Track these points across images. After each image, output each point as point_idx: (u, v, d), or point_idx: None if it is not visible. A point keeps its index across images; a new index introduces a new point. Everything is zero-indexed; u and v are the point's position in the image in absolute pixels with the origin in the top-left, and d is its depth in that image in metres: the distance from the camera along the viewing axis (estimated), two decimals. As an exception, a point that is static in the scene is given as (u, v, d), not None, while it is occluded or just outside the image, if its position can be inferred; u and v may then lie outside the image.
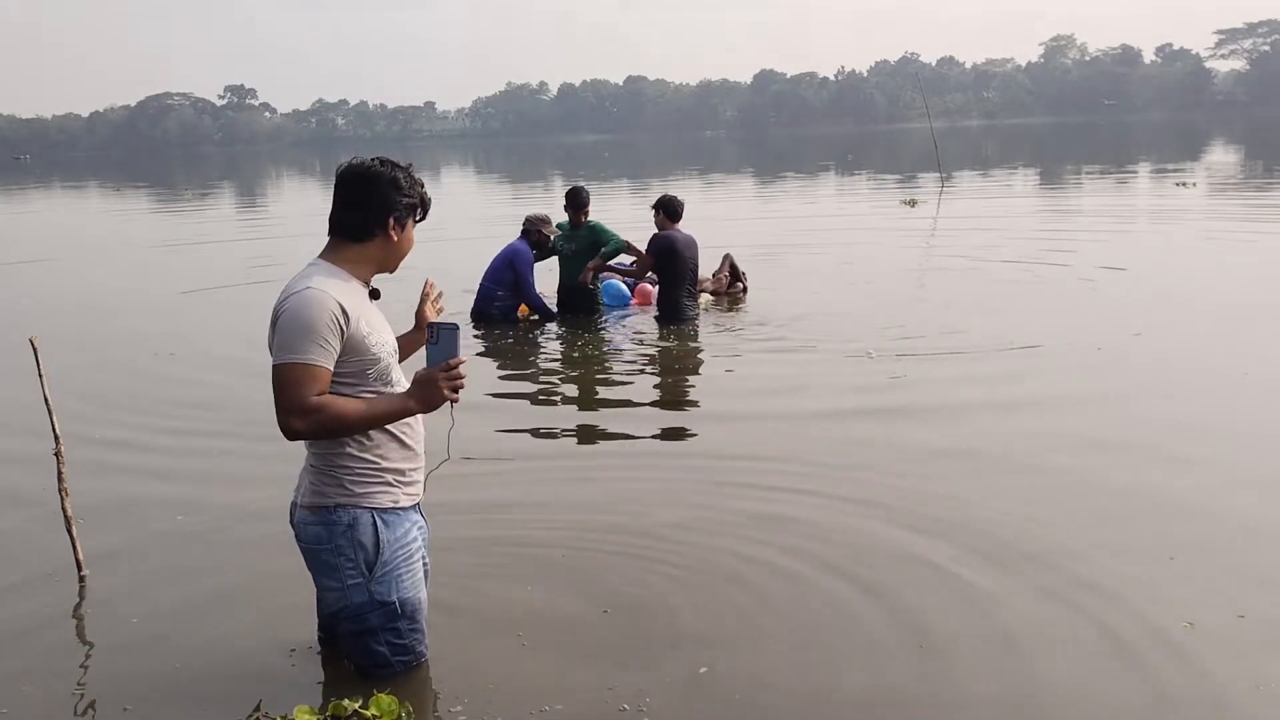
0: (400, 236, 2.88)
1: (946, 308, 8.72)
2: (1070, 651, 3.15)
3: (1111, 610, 3.38)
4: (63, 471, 3.86)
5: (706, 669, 3.11)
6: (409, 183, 2.87)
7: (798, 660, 3.18)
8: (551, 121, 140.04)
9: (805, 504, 4.40)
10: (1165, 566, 3.73)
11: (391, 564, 2.89)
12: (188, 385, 6.91)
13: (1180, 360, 6.75)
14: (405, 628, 2.97)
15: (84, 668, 3.33)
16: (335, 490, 2.83)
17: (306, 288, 2.73)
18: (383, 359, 2.83)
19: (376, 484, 2.86)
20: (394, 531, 2.89)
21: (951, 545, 3.92)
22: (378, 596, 2.89)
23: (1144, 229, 14.61)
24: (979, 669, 3.08)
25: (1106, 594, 3.49)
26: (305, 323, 2.68)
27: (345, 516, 2.83)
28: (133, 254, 15.40)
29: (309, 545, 2.90)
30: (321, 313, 2.69)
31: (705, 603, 3.56)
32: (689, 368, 7.30)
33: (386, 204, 2.84)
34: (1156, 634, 3.22)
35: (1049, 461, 4.88)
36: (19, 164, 75.72)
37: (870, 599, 3.53)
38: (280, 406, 2.69)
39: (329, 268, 2.82)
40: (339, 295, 2.74)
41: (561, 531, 4.22)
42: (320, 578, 2.92)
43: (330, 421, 2.71)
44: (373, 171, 2.85)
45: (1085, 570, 3.68)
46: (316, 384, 2.69)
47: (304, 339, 2.67)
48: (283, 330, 2.70)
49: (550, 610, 3.55)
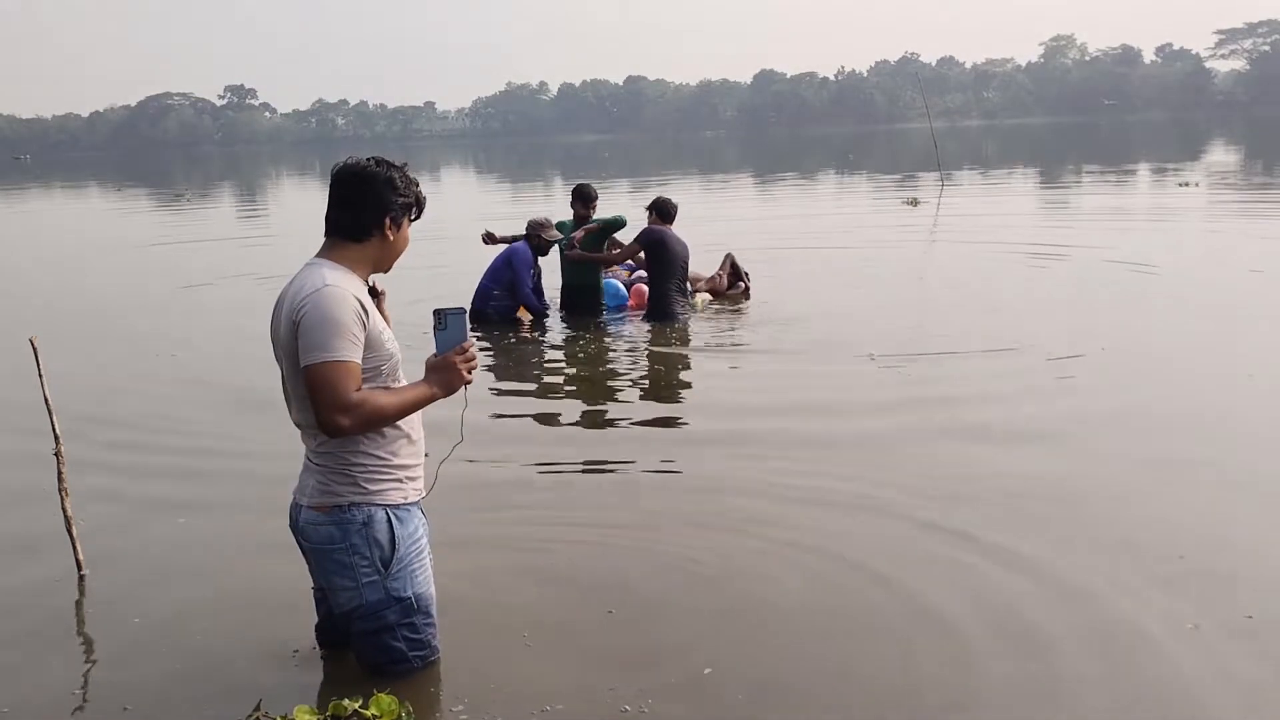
0: (396, 236, 2.89)
1: (949, 308, 8.71)
2: (1077, 647, 3.13)
3: (1119, 608, 3.37)
4: (63, 471, 3.85)
5: (711, 670, 3.09)
6: (404, 182, 2.88)
7: (803, 662, 3.16)
8: (551, 121, 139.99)
9: (811, 503, 4.39)
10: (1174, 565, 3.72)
11: (406, 559, 2.90)
12: (188, 385, 6.89)
13: (1194, 361, 6.74)
14: (421, 622, 2.98)
15: (84, 668, 3.32)
16: (349, 489, 2.82)
17: (325, 285, 2.72)
18: (395, 355, 2.85)
19: (389, 481, 2.86)
20: (406, 527, 2.90)
21: (961, 540, 3.91)
22: (394, 593, 2.89)
23: (1143, 226, 14.56)
24: (980, 667, 3.07)
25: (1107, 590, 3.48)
26: (334, 320, 2.68)
27: (360, 514, 2.83)
28: (133, 253, 15.38)
29: (319, 545, 2.88)
30: (347, 309, 2.70)
31: (712, 604, 3.54)
32: (690, 368, 7.28)
33: (383, 204, 2.84)
34: (1164, 634, 3.21)
35: (1051, 461, 4.87)
36: (19, 164, 75.66)
37: (880, 600, 3.52)
38: (322, 404, 2.69)
39: (333, 266, 2.81)
40: (356, 292, 2.76)
41: (566, 530, 4.21)
42: (333, 578, 2.90)
43: (373, 414, 2.74)
44: (368, 171, 2.84)
45: (1094, 567, 3.67)
46: (354, 379, 2.71)
47: (335, 336, 2.68)
48: (310, 330, 2.69)
49: (554, 610, 3.53)
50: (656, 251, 8.17)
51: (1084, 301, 8.82)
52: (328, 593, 2.98)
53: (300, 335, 2.70)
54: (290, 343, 2.75)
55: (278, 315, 2.83)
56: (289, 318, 2.74)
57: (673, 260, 8.18)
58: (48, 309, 10.40)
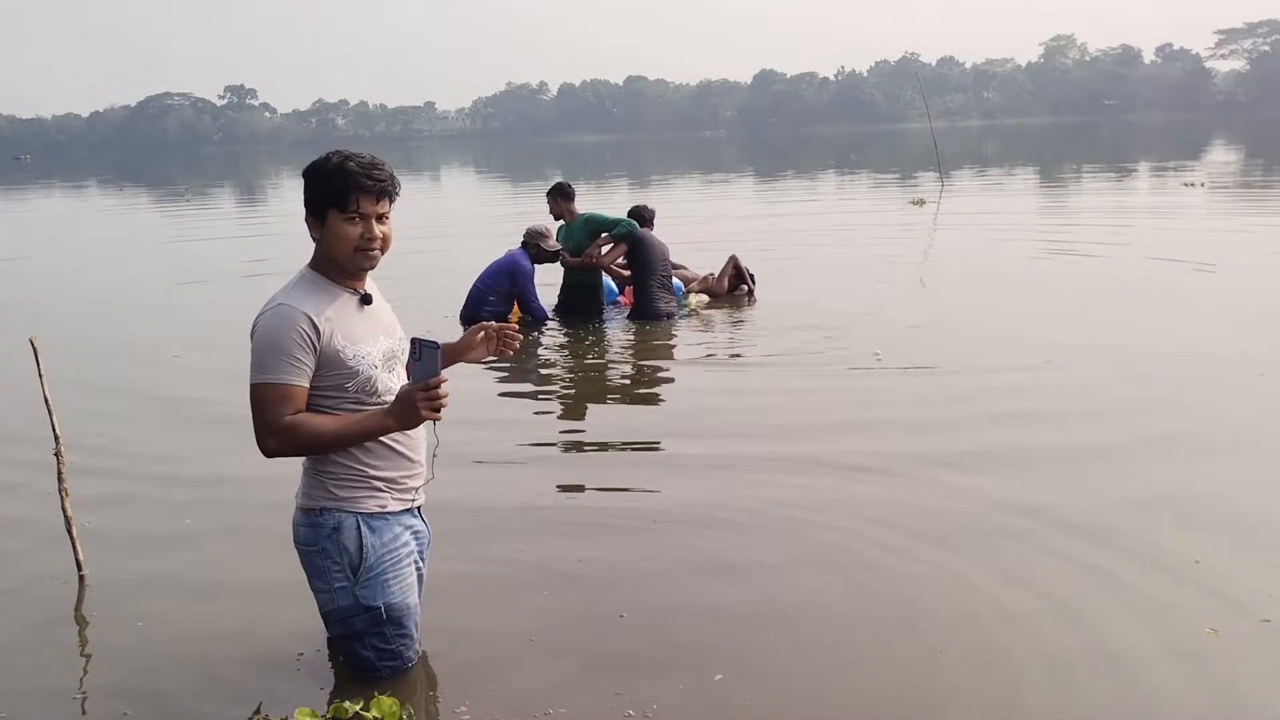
0: (324, 232, 2.73)
1: (954, 310, 8.68)
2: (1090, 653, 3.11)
3: (1131, 615, 3.34)
4: (63, 471, 3.82)
5: (721, 676, 3.04)
6: (331, 171, 2.68)
7: (815, 670, 3.12)
8: (551, 121, 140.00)
9: (821, 509, 4.33)
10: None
11: (378, 569, 2.84)
12: (188, 386, 6.86)
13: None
14: (392, 633, 2.92)
15: (84, 669, 3.29)
16: (321, 494, 2.81)
17: (278, 304, 2.69)
18: (362, 371, 2.74)
19: (362, 489, 2.81)
20: (381, 537, 2.84)
21: (964, 555, 3.88)
22: (363, 601, 2.85)
23: (1145, 225, 14.54)
24: (980, 672, 3.05)
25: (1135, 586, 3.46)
26: (273, 341, 2.65)
27: (330, 520, 2.81)
28: (133, 253, 15.35)
29: (300, 546, 2.89)
30: (289, 330, 2.64)
31: (724, 609, 3.49)
32: (687, 371, 7.24)
33: (308, 201, 2.74)
34: (1176, 640, 3.19)
35: (1064, 473, 4.85)
36: (19, 164, 75.65)
37: (890, 608, 3.49)
38: (255, 426, 2.68)
39: (311, 277, 2.77)
40: (311, 309, 2.67)
41: (575, 529, 4.18)
42: (310, 579, 2.91)
43: (304, 440, 2.68)
44: (306, 169, 2.75)
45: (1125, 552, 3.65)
46: (290, 403, 2.66)
47: (273, 358, 2.64)
48: (255, 349, 2.68)
49: (562, 613, 3.50)
50: (637, 250, 8.46)
51: (1082, 304, 8.79)
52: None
53: (251, 352, 2.69)
54: None
55: None
56: (250, 332, 2.72)
57: (652, 258, 8.48)
58: (49, 308, 10.35)
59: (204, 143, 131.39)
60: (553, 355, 7.65)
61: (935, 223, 16.00)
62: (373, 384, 2.77)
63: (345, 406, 2.74)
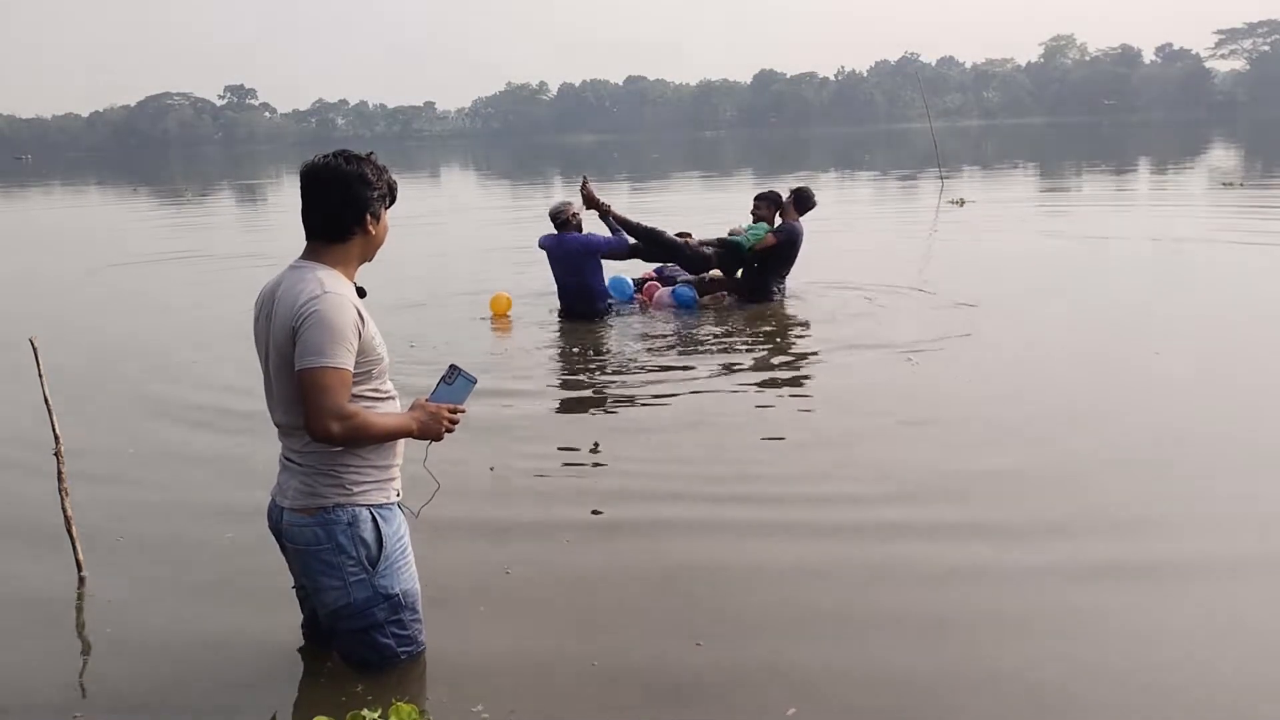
0: (377, 229, 2.91)
1: (990, 313, 8.45)
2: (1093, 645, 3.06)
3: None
4: (63, 471, 3.79)
5: (794, 710, 2.84)
6: (376, 174, 2.87)
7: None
8: (551, 121, 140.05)
9: (863, 523, 4.27)
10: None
11: (393, 557, 2.93)
12: (188, 385, 6.81)
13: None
14: (408, 618, 3.01)
15: (84, 670, 3.25)
16: (333, 490, 2.83)
17: (326, 292, 2.73)
18: (385, 358, 2.89)
19: (371, 482, 2.88)
20: (390, 525, 2.93)
21: (998, 545, 3.82)
22: (382, 590, 2.91)
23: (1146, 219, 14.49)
24: (982, 666, 2.99)
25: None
26: (336, 328, 2.70)
27: (345, 515, 2.84)
28: (134, 253, 15.27)
29: (305, 547, 2.88)
30: (348, 318, 2.73)
31: (782, 617, 3.41)
32: (729, 368, 7.13)
33: (361, 201, 2.84)
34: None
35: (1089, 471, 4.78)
36: (19, 164, 75.63)
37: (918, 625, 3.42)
38: (317, 408, 2.69)
39: (328, 270, 2.82)
40: (353, 299, 2.80)
41: (607, 531, 4.12)
42: (319, 578, 2.89)
43: (360, 429, 2.76)
44: (341, 171, 2.83)
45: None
46: (348, 389, 2.74)
47: (335, 344, 2.69)
48: (312, 335, 2.69)
49: (585, 612, 3.45)
50: (789, 248, 8.74)
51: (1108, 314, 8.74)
52: (312, 592, 2.98)
53: (299, 339, 2.70)
54: (286, 346, 2.73)
55: (269, 318, 2.80)
56: (289, 322, 2.72)
57: (793, 259, 8.81)
58: (49, 308, 10.34)
59: (204, 142, 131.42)
60: (592, 344, 7.50)
61: (935, 220, 15.87)
62: (386, 370, 2.91)
63: (364, 393, 2.82)
